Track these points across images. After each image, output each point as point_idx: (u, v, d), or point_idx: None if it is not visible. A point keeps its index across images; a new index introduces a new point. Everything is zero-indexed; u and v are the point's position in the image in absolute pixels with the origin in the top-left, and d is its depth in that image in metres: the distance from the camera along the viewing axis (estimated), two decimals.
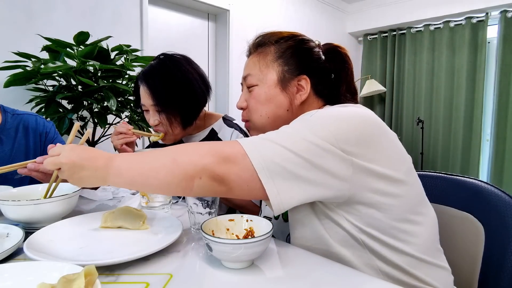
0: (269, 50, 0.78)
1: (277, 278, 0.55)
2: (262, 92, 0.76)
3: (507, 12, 3.50)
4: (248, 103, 0.80)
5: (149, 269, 0.57)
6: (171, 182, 0.57)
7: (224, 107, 3.24)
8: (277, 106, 0.76)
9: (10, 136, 1.15)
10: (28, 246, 0.58)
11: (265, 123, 0.77)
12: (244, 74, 0.81)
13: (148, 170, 0.58)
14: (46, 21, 2.07)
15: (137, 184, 0.60)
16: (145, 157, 0.60)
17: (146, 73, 1.08)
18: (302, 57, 0.76)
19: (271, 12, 3.52)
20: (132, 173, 0.60)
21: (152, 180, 0.58)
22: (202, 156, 0.57)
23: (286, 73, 0.76)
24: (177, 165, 0.57)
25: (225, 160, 0.56)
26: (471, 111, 3.77)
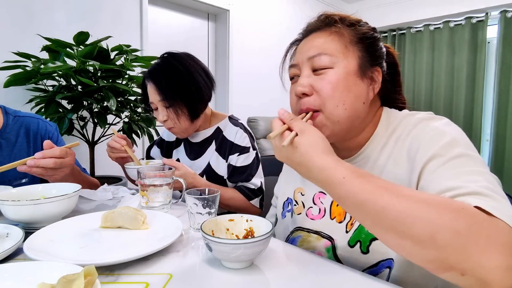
0: (346, 31, 0.67)
1: (277, 278, 0.55)
2: (341, 77, 0.63)
3: (507, 12, 3.50)
4: (317, 89, 0.64)
5: (149, 269, 0.57)
6: (418, 259, 0.44)
7: (224, 106, 3.24)
8: (356, 96, 0.64)
9: (10, 141, 1.10)
10: (28, 246, 0.58)
11: (342, 115, 0.64)
12: (311, 53, 0.66)
13: (390, 229, 0.44)
14: (46, 21, 2.07)
15: (367, 227, 0.49)
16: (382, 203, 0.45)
17: (151, 71, 1.12)
18: (377, 47, 0.68)
19: (271, 12, 3.52)
20: (364, 217, 0.48)
21: (391, 240, 0.46)
22: (486, 253, 0.39)
23: (365, 60, 0.66)
24: (438, 250, 0.41)
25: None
26: (471, 111, 3.77)
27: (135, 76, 1.97)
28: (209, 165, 1.17)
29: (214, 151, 1.18)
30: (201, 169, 1.18)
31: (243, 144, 1.15)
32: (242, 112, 3.27)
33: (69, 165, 0.92)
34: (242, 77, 3.30)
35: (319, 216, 0.74)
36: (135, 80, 1.96)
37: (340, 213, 0.71)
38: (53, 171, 0.88)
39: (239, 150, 1.14)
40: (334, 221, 0.71)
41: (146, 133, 2.10)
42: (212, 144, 1.19)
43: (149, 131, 2.11)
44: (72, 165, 0.94)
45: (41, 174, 0.87)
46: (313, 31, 0.70)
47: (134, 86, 2.01)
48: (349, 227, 0.68)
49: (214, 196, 0.74)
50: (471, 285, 0.41)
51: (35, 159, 0.85)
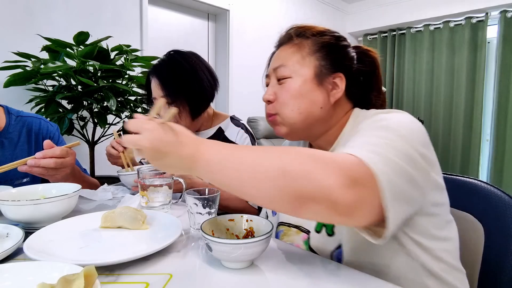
0: (306, 42, 0.73)
1: (277, 278, 0.55)
2: (297, 86, 0.71)
3: (507, 12, 3.50)
4: (277, 96, 0.73)
5: (149, 269, 0.57)
6: (276, 199, 0.48)
7: (224, 106, 3.24)
8: (312, 102, 0.71)
9: (13, 140, 1.11)
10: (28, 246, 0.58)
11: (296, 119, 0.72)
12: (275, 65, 0.75)
13: (248, 177, 0.48)
14: (46, 21, 2.07)
15: (231, 188, 0.51)
16: (244, 156, 0.50)
17: (156, 67, 1.13)
18: (338, 55, 0.73)
19: (271, 12, 3.52)
20: (227, 173, 0.50)
21: (251, 190, 0.49)
22: (325, 174, 0.45)
23: (323, 68, 0.72)
24: (288, 180, 0.46)
25: (354, 182, 0.45)
26: (471, 111, 3.77)
27: (135, 76, 1.97)
28: None
29: None
30: None
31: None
32: (242, 112, 3.27)
33: (70, 165, 0.92)
34: (242, 77, 3.30)
35: None
36: (135, 80, 1.96)
37: None
38: (54, 171, 0.88)
39: None
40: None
41: None
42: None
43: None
44: (73, 164, 0.94)
45: (42, 174, 0.87)
46: (281, 45, 0.78)
47: (134, 86, 2.01)
48: None
49: (214, 196, 0.74)
50: (326, 211, 0.46)
51: (35, 159, 0.85)
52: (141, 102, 2.07)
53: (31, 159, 0.85)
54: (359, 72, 0.74)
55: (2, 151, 1.08)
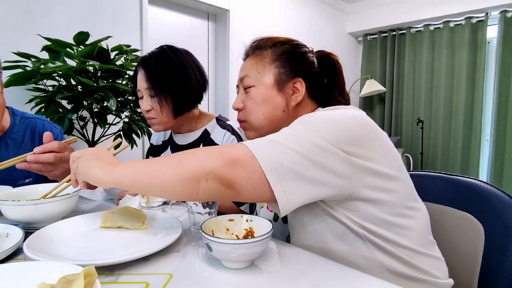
0: (266, 53, 0.80)
1: (277, 278, 0.55)
2: (259, 93, 0.78)
3: (507, 12, 3.50)
4: (244, 104, 0.81)
5: (149, 269, 0.57)
6: (177, 184, 0.56)
7: (224, 107, 3.24)
8: (274, 107, 0.78)
9: (17, 140, 1.13)
10: (28, 246, 0.58)
11: (262, 123, 0.79)
12: (240, 75, 0.83)
13: (154, 170, 0.58)
14: (46, 21, 2.07)
15: (141, 183, 0.59)
16: (152, 160, 0.60)
17: (144, 58, 1.10)
18: (297, 61, 0.79)
19: (271, 12, 3.52)
20: (137, 171, 0.59)
21: (157, 180, 0.57)
22: (210, 159, 0.56)
23: (282, 75, 0.78)
24: (183, 167, 0.56)
25: (233, 162, 0.55)
26: (471, 111, 3.77)
27: None
28: None
29: None
30: None
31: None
32: None
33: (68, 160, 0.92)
34: None
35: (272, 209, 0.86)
36: None
37: None
38: (52, 167, 0.88)
39: None
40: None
41: (146, 133, 2.10)
42: (200, 147, 1.17)
43: (149, 131, 2.11)
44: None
45: (40, 170, 0.87)
46: (246, 57, 0.86)
47: None
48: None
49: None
50: (215, 187, 0.55)
51: (35, 154, 0.85)
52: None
53: (30, 155, 0.84)
54: (320, 75, 0.80)
55: (7, 151, 1.09)
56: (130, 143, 2.05)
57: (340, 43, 4.34)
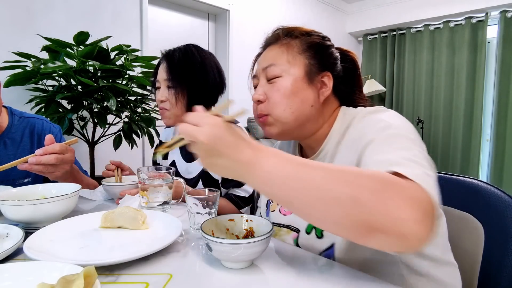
0: (294, 42, 0.74)
1: (277, 278, 0.55)
2: (288, 85, 0.71)
3: (507, 12, 3.51)
4: (268, 96, 0.73)
5: (149, 269, 0.57)
6: (344, 226, 0.46)
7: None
8: (303, 100, 0.71)
9: (16, 140, 1.12)
10: (28, 246, 0.58)
11: (289, 118, 0.71)
12: (264, 64, 0.75)
13: (316, 201, 0.46)
14: (46, 21, 2.07)
15: (291, 206, 0.50)
16: (311, 177, 0.47)
17: (169, 51, 1.14)
18: (325, 54, 0.75)
19: (271, 12, 3.52)
20: (291, 193, 0.48)
21: (317, 213, 0.47)
22: (398, 206, 0.43)
23: (312, 67, 0.72)
24: (359, 210, 0.44)
25: (426, 215, 0.43)
26: (471, 111, 3.77)
27: (135, 76, 1.97)
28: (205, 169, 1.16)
29: None
30: (197, 172, 1.16)
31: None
32: None
33: (70, 161, 0.92)
34: (242, 77, 3.29)
35: (289, 212, 0.79)
36: (135, 80, 1.96)
37: None
38: (53, 168, 0.88)
39: None
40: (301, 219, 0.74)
41: (146, 133, 2.10)
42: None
43: (149, 131, 2.11)
44: (73, 161, 0.94)
45: (42, 171, 0.87)
46: (268, 45, 0.78)
47: (134, 86, 2.01)
48: None
49: (214, 196, 0.74)
50: (394, 243, 0.44)
51: (36, 156, 0.85)
52: (141, 102, 2.07)
53: (32, 157, 0.85)
54: (343, 71, 0.77)
55: (5, 151, 1.09)
56: (130, 143, 2.05)
57: (340, 43, 4.32)
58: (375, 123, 0.63)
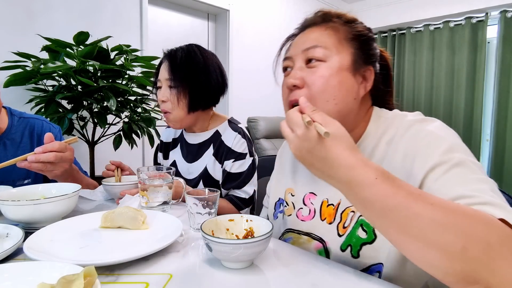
0: (341, 28, 0.67)
1: (277, 278, 0.55)
2: (334, 72, 0.63)
3: (507, 12, 3.51)
4: (308, 82, 0.64)
5: (149, 269, 0.57)
6: (440, 270, 0.42)
7: (224, 106, 3.24)
8: (348, 91, 0.64)
9: (15, 141, 1.12)
10: (28, 246, 0.58)
11: (331, 110, 0.63)
12: (306, 45, 0.66)
13: (417, 239, 0.42)
14: (46, 21, 2.07)
15: (385, 233, 0.46)
16: (420, 214, 0.42)
17: (171, 51, 1.13)
18: (371, 47, 0.69)
19: (271, 12, 3.52)
20: (389, 224, 0.44)
21: (414, 250, 0.43)
22: (508, 264, 0.40)
23: (359, 57, 0.66)
24: (467, 262, 0.40)
25: None
26: (471, 111, 3.77)
27: (135, 76, 1.97)
28: (206, 170, 1.14)
29: (212, 155, 1.15)
30: (198, 173, 1.16)
31: (240, 150, 1.12)
32: (241, 112, 3.27)
33: (69, 160, 0.91)
34: (242, 77, 3.30)
35: (309, 217, 0.73)
36: (135, 80, 1.96)
37: (330, 214, 0.70)
38: (52, 166, 0.88)
39: (235, 156, 1.11)
40: (325, 222, 0.70)
41: (146, 133, 2.10)
42: (210, 148, 1.16)
43: (149, 131, 2.11)
44: (72, 160, 0.94)
45: (41, 169, 0.87)
46: (309, 26, 0.71)
47: (134, 86, 2.01)
48: (342, 230, 0.67)
49: (214, 197, 0.74)
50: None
51: (35, 154, 0.85)
52: (141, 102, 2.07)
53: (31, 155, 0.85)
54: (381, 69, 0.72)
55: (5, 152, 1.09)
56: (130, 143, 2.05)
57: None
58: (433, 141, 0.57)
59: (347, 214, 0.67)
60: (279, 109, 3.33)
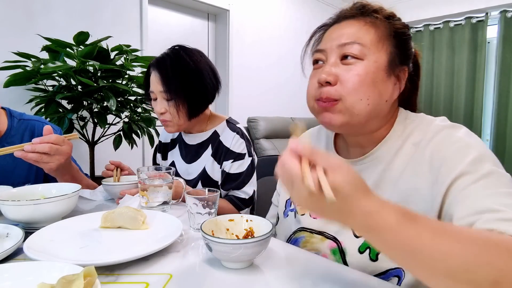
0: (380, 24, 0.64)
1: (277, 278, 0.55)
2: (370, 71, 0.60)
3: (507, 12, 3.51)
4: (342, 79, 0.61)
5: (149, 269, 0.57)
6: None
7: (224, 106, 3.24)
8: (381, 93, 0.62)
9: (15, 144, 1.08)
10: (28, 246, 0.58)
11: (363, 110, 0.61)
12: (343, 40, 0.62)
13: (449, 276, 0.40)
14: (46, 21, 2.07)
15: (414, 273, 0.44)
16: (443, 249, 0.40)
17: (159, 60, 1.09)
18: (408, 46, 0.65)
19: (271, 12, 3.52)
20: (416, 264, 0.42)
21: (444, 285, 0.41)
22: None
23: (396, 57, 0.63)
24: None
25: None
26: (471, 111, 3.77)
27: (135, 76, 1.97)
28: (205, 170, 1.14)
29: (210, 156, 1.14)
30: (197, 173, 1.15)
31: (239, 151, 1.11)
32: (242, 112, 3.27)
33: (65, 153, 0.90)
34: (242, 77, 3.30)
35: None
36: (135, 80, 1.96)
37: None
38: (48, 158, 0.87)
39: (233, 157, 1.10)
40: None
41: (146, 133, 2.10)
42: (208, 148, 1.16)
43: (149, 131, 2.11)
44: (69, 155, 0.93)
45: (36, 160, 0.86)
46: (346, 18, 0.66)
47: (134, 86, 2.02)
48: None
49: (214, 197, 0.74)
50: None
51: (32, 144, 0.84)
52: (141, 102, 2.07)
53: (27, 145, 0.84)
54: (413, 70, 0.69)
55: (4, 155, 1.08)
56: (130, 143, 2.06)
57: None
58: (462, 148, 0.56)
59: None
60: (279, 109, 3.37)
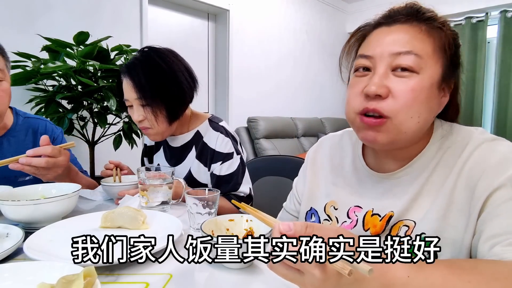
0: (435, 32, 0.57)
1: (277, 278, 0.55)
2: (425, 87, 0.54)
3: (507, 12, 3.51)
4: (395, 94, 0.54)
5: (149, 269, 0.57)
6: None
7: (224, 106, 3.24)
8: (431, 109, 0.57)
9: (19, 138, 1.15)
10: (28, 246, 0.58)
11: (411, 128, 0.56)
12: (398, 49, 0.56)
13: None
14: (46, 21, 2.07)
15: None
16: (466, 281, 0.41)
17: (129, 66, 1.03)
18: (458, 56, 0.60)
19: (271, 12, 3.52)
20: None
21: None
22: None
23: (448, 70, 0.57)
24: None
25: None
26: (471, 111, 3.77)
27: None
28: (190, 173, 1.11)
29: (195, 158, 1.11)
30: (182, 176, 1.12)
31: (225, 151, 1.07)
32: (242, 112, 3.28)
33: (63, 165, 0.91)
34: (242, 77, 3.30)
35: (350, 226, 0.67)
36: None
37: (375, 224, 0.64)
38: (45, 171, 0.88)
39: (221, 158, 1.07)
40: (368, 233, 0.64)
41: None
42: (192, 150, 1.12)
43: None
44: (66, 165, 0.93)
45: (34, 173, 0.87)
46: (398, 22, 0.60)
47: None
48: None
49: (214, 196, 0.74)
50: None
51: (27, 157, 0.85)
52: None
53: (23, 157, 0.85)
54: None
55: (8, 148, 1.11)
56: (130, 143, 2.06)
57: (340, 43, 4.31)
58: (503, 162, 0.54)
59: (399, 228, 0.61)
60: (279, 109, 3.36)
